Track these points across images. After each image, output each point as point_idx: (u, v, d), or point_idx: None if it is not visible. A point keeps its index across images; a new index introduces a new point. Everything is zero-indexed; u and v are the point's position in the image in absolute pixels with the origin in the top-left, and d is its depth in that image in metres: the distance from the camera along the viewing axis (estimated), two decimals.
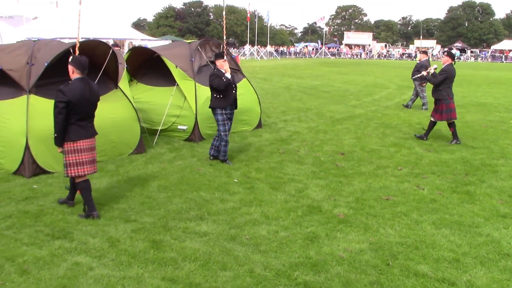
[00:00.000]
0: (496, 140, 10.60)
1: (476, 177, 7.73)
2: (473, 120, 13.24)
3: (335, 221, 5.85)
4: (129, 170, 7.87)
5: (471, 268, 4.68)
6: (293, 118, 13.27)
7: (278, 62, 50.33)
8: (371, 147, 9.78)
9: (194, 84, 10.00)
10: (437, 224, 5.80)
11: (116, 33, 38.54)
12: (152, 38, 47.45)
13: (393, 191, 7.06)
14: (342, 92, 20.53)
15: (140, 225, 5.58)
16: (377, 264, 4.76)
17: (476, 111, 15.19)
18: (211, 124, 10.23)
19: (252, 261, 4.75)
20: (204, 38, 11.93)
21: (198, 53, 10.53)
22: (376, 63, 52.40)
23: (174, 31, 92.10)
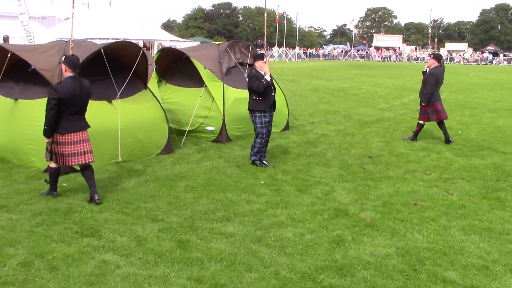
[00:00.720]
0: None
1: (508, 183, 7.56)
2: (505, 125, 12.96)
3: (362, 225, 5.80)
4: (156, 170, 7.95)
5: (500, 276, 4.58)
6: (320, 121, 13.21)
7: (307, 64, 50.19)
8: (399, 151, 9.67)
9: (222, 85, 10.05)
10: (466, 230, 5.70)
11: (145, 34, 39.03)
12: (181, 39, 47.93)
13: (422, 196, 6.96)
14: (370, 95, 20.36)
15: (167, 225, 5.63)
16: (404, 269, 4.71)
17: (509, 115, 14.87)
18: (238, 125, 10.28)
19: (277, 263, 4.75)
20: (233, 39, 11.99)
21: (227, 54, 10.59)
22: (405, 66, 51.76)
23: (203, 33, 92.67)
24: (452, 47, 79.32)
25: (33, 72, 7.74)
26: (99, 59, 7.84)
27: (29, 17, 22.17)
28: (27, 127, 7.69)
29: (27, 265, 4.57)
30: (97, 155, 7.89)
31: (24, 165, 7.77)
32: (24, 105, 7.89)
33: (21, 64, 7.86)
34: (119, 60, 8.38)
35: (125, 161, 8.27)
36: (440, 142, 10.56)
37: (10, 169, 7.72)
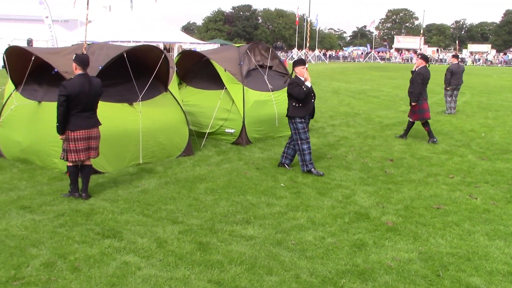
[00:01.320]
0: None
1: None
2: None
3: (383, 229, 5.73)
4: (177, 172, 7.98)
5: None
6: (341, 123, 13.13)
7: (326, 66, 49.96)
8: (421, 154, 9.56)
9: (242, 87, 10.05)
10: (491, 235, 5.59)
11: (166, 37, 39.35)
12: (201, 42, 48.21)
13: (444, 199, 6.86)
14: (391, 97, 20.18)
15: (187, 227, 5.64)
16: (427, 274, 4.63)
17: None
18: (258, 128, 10.26)
19: (298, 267, 4.71)
20: (253, 42, 12.00)
21: (247, 56, 10.59)
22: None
23: (222, 35, 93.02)
24: (475, 49, 78.22)
25: (57, 75, 7.82)
26: (121, 62, 7.91)
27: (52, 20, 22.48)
28: (50, 129, 7.74)
29: (50, 266, 4.61)
30: (118, 157, 7.99)
31: (47, 167, 7.87)
32: (47, 107, 7.97)
33: (44, 67, 7.96)
34: (141, 63, 8.44)
35: (146, 163, 8.32)
36: (463, 145, 10.41)
37: (34, 170, 7.81)
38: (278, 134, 10.79)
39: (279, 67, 11.40)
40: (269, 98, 10.43)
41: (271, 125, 10.54)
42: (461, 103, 18.28)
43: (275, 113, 10.44)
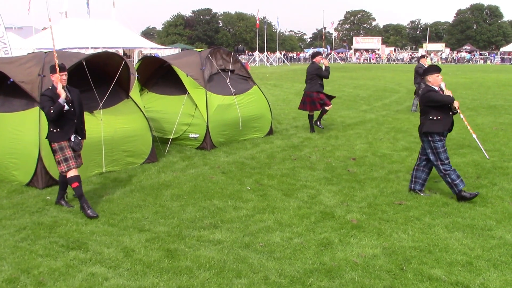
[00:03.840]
0: (507, 142, 10.55)
1: (488, 180, 7.70)
2: (484, 123, 13.18)
3: (349, 226, 5.86)
4: (142, 179, 7.94)
5: (484, 271, 4.67)
6: (304, 124, 13.29)
7: (288, 68, 50.41)
8: (382, 152, 9.78)
9: (205, 92, 10.07)
10: (450, 228, 5.79)
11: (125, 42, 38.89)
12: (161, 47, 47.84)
13: (406, 195, 7.05)
14: (352, 97, 20.54)
15: (154, 234, 5.63)
16: (391, 268, 4.77)
17: (487, 113, 15.12)
18: (222, 132, 10.30)
19: (266, 268, 4.77)
20: (214, 46, 12.05)
21: (208, 61, 10.61)
22: (385, 68, 52.31)
23: (183, 39, 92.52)
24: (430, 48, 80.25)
25: (12, 85, 7.68)
26: (80, 70, 7.81)
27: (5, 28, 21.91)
28: (8, 141, 7.63)
29: (13, 282, 4.53)
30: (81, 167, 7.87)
31: (5, 179, 7.70)
32: (4, 118, 7.82)
33: None
34: (101, 70, 8.36)
35: (109, 171, 8.24)
36: None
37: None
38: (243, 137, 10.85)
39: (241, 71, 11.47)
40: (232, 102, 10.48)
41: (235, 129, 10.59)
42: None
43: (239, 117, 10.50)
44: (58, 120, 6.24)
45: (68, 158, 6.30)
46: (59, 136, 6.29)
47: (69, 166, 6.29)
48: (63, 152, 6.29)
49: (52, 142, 6.34)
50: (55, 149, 6.33)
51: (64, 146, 6.30)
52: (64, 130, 6.31)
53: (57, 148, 6.30)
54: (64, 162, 6.29)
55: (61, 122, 6.28)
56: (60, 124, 6.28)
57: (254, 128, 11.15)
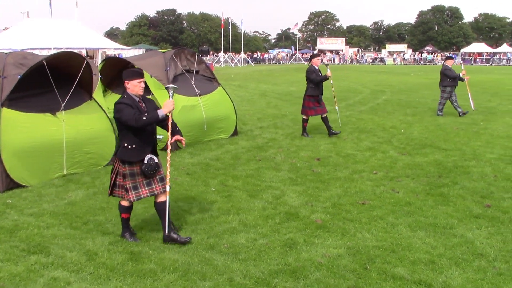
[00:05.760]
0: (467, 142, 10.83)
1: (449, 179, 7.88)
2: (446, 123, 13.50)
3: (313, 227, 5.90)
4: (105, 181, 7.79)
5: (446, 269, 4.77)
6: (269, 125, 13.34)
7: (253, 68, 50.51)
8: (346, 152, 9.90)
9: None
10: (413, 227, 5.90)
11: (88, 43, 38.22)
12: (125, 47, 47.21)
13: (369, 195, 7.15)
14: None
15: (118, 237, 5.54)
16: (355, 268, 4.82)
17: (448, 113, 15.47)
18: (187, 133, 10.20)
19: (231, 270, 4.76)
20: (178, 47, 11.97)
21: (173, 62, 10.53)
22: (349, 68, 53.00)
23: (147, 40, 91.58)
24: (393, 48, 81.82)
25: None
26: (41, 71, 7.64)
27: None
28: None
29: None
30: (42, 169, 7.71)
31: None
32: None
33: None
34: (63, 71, 8.18)
35: (71, 173, 8.07)
36: (385, 141, 10.89)
37: None
38: (207, 138, 10.81)
39: (205, 72, 11.41)
40: (197, 103, 10.42)
41: (200, 130, 10.53)
42: (382, 101, 19.13)
43: (203, 118, 10.44)
44: (136, 135, 5.24)
45: (138, 186, 5.34)
46: (134, 155, 5.26)
47: (138, 195, 5.33)
48: (133, 178, 5.32)
49: (123, 164, 5.31)
50: (124, 174, 5.31)
51: (136, 172, 5.31)
52: (142, 148, 5.29)
53: (127, 173, 5.29)
54: (133, 190, 5.31)
55: (139, 137, 5.27)
56: (138, 139, 5.26)
57: (219, 129, 11.11)
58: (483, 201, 6.81)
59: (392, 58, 71.58)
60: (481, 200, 6.83)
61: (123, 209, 5.51)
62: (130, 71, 5.44)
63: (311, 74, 11.32)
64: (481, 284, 4.47)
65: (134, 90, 5.33)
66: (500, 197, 6.97)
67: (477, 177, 8.00)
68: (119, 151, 5.35)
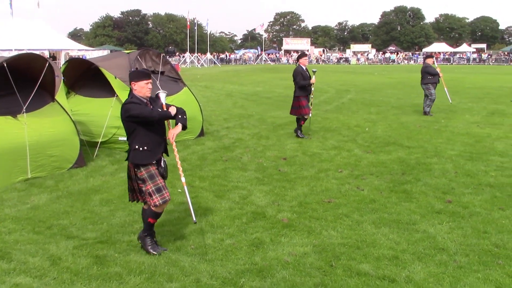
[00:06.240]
0: (429, 139, 11.09)
1: (412, 176, 8.06)
2: (409, 121, 13.78)
3: (280, 226, 5.94)
4: (69, 185, 7.67)
5: (409, 264, 4.88)
6: (235, 125, 13.35)
7: (219, 69, 50.43)
8: (312, 151, 10.00)
9: None
10: (377, 224, 6.01)
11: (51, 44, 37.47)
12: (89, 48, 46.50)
13: (335, 193, 7.24)
14: (283, 97, 20.82)
15: (82, 241, 5.46)
16: (321, 266, 4.88)
17: (411, 112, 15.82)
18: None
19: (198, 271, 4.75)
20: (143, 48, 11.85)
21: (137, 63, 10.42)
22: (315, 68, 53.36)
23: (112, 41, 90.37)
24: (357, 48, 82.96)
25: None
26: (1, 73, 7.46)
27: None
28: None
29: None
30: (3, 173, 7.52)
31: None
32: None
33: None
34: (24, 73, 8.01)
35: (34, 177, 7.90)
36: (350, 140, 11.05)
37: None
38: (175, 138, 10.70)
39: (171, 72, 11.35)
40: None
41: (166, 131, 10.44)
42: (347, 100, 19.39)
43: None
44: (147, 135, 5.03)
45: (161, 187, 5.05)
46: (147, 156, 5.02)
47: (163, 197, 5.04)
48: (154, 180, 5.02)
49: (138, 168, 5.02)
50: (143, 178, 5.02)
51: (155, 173, 5.05)
52: (154, 148, 5.08)
53: (145, 177, 5.01)
54: (157, 193, 5.01)
55: (150, 137, 5.06)
56: (149, 140, 5.05)
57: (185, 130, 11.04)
58: (445, 196, 6.99)
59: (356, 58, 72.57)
60: (443, 196, 7.01)
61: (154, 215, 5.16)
62: (136, 71, 5.19)
63: (297, 75, 11.20)
64: (442, 278, 4.59)
65: (142, 92, 5.04)
66: (461, 192, 7.18)
67: (439, 173, 8.20)
68: (131, 155, 5.05)
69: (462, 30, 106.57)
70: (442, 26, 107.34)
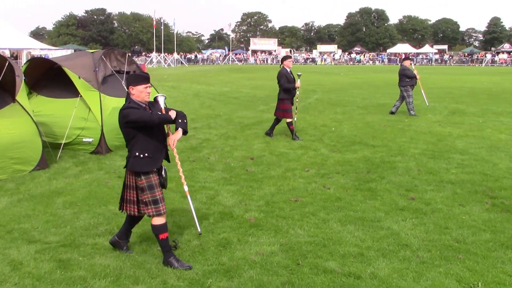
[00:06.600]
0: (393, 138, 11.28)
1: (377, 174, 8.18)
2: (374, 121, 13.99)
3: (247, 225, 5.94)
4: (31, 187, 7.49)
5: (374, 261, 4.95)
6: (202, 126, 13.29)
7: (187, 69, 50.13)
8: (279, 151, 10.04)
9: (99, 95, 9.73)
10: (343, 221, 6.07)
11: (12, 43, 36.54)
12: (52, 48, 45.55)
13: (302, 192, 7.29)
14: (250, 97, 20.87)
15: (45, 245, 5.33)
16: (288, 264, 4.90)
17: (376, 111, 16.07)
18: (118, 135, 9.98)
19: (165, 273, 4.70)
20: (108, 47, 11.68)
21: (102, 62, 10.27)
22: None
23: (76, 40, 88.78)
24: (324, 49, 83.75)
25: None
26: None
27: None
28: None
29: None
30: None
31: None
32: None
33: None
34: None
35: None
36: (316, 139, 11.14)
37: None
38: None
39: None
40: None
41: None
42: (314, 100, 19.55)
43: None
44: (148, 141, 4.80)
45: (159, 199, 4.85)
46: (148, 164, 4.80)
47: (158, 210, 4.84)
48: (152, 192, 4.82)
49: (139, 176, 4.79)
50: (142, 187, 4.80)
51: (155, 184, 4.85)
52: (155, 155, 4.86)
53: (145, 186, 4.79)
54: (153, 204, 4.81)
55: (151, 143, 4.83)
56: (150, 146, 4.82)
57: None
58: (408, 194, 7.13)
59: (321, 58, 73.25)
60: (406, 193, 7.15)
61: (160, 229, 4.87)
62: (134, 75, 4.90)
63: (282, 78, 11.02)
64: (405, 273, 4.67)
65: (140, 97, 4.80)
66: (423, 189, 7.33)
67: (402, 171, 8.36)
68: (130, 162, 4.79)
69: (424, 32, 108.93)
70: (405, 28, 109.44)
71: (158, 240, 4.91)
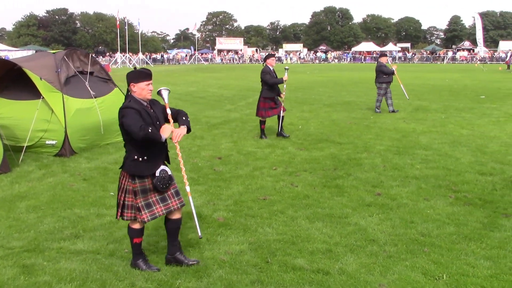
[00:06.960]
0: (359, 135, 11.43)
1: (344, 171, 8.27)
2: (339, 118, 14.14)
3: (215, 225, 5.92)
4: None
5: (342, 256, 5.00)
6: None
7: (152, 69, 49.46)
8: (247, 150, 10.04)
9: (61, 96, 9.53)
10: (311, 218, 6.11)
11: None
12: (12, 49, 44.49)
13: (270, 190, 7.31)
14: (217, 97, 20.82)
15: (7, 251, 5.19)
16: (257, 263, 4.91)
17: (342, 109, 16.24)
18: (83, 137, 9.82)
19: (132, 275, 4.64)
20: (70, 48, 11.45)
21: (64, 63, 10.06)
22: (248, 67, 53.79)
23: (38, 41, 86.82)
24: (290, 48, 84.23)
25: None
26: None
27: None
28: None
29: None
30: None
31: None
32: None
33: None
34: None
35: None
36: (284, 138, 11.18)
37: None
38: (105, 141, 10.46)
39: (100, 73, 11.03)
40: (93, 105, 10.04)
41: (97, 133, 10.17)
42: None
43: (100, 120, 10.08)
44: (148, 145, 4.56)
45: (152, 203, 4.64)
46: (147, 168, 4.58)
47: (153, 214, 4.63)
48: (145, 195, 4.62)
49: (133, 179, 4.57)
50: (135, 191, 4.57)
51: (148, 187, 4.62)
52: (154, 159, 4.65)
53: (138, 190, 4.58)
54: (146, 209, 4.60)
55: (150, 146, 4.59)
56: (150, 149, 4.60)
57: (117, 132, 10.76)
58: (374, 190, 7.23)
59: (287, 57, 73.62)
60: (372, 189, 7.25)
61: (134, 233, 4.72)
62: (135, 71, 4.69)
63: (265, 75, 10.76)
64: (373, 268, 4.74)
65: (142, 94, 4.64)
66: (389, 185, 7.45)
67: (369, 168, 8.47)
68: (127, 164, 4.58)
69: (388, 30, 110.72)
70: (369, 26, 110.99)
71: (131, 243, 4.78)
